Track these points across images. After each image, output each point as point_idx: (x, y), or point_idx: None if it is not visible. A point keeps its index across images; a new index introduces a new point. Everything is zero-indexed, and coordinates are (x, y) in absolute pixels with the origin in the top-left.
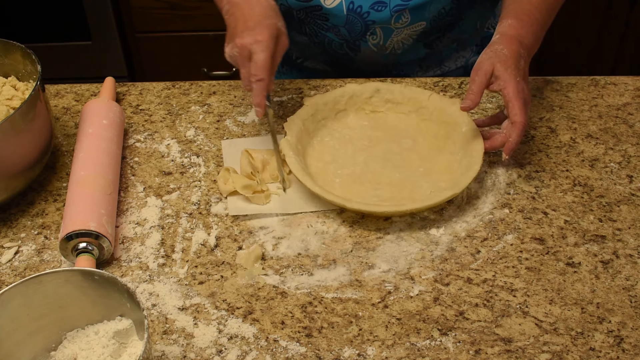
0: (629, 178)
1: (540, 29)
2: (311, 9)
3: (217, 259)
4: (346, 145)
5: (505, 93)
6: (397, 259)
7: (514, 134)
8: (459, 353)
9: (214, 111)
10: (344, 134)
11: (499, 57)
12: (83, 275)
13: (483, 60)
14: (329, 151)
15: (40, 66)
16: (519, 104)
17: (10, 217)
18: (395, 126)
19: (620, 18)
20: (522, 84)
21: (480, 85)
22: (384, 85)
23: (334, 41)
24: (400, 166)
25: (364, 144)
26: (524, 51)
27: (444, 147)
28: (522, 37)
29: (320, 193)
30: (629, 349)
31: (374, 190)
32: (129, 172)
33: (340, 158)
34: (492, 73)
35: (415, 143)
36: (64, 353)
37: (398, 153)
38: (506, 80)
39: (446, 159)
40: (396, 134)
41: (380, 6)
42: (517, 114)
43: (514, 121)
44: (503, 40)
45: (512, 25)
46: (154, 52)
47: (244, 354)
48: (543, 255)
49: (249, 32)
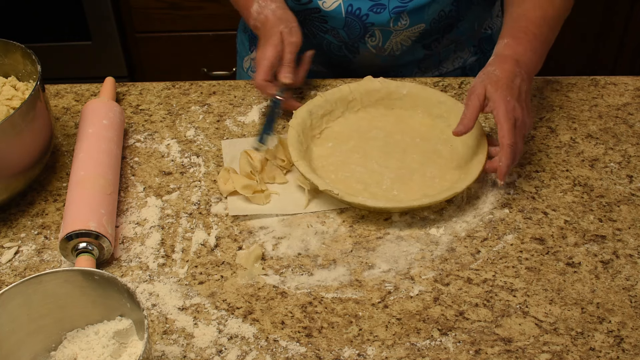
0: (629, 178)
1: (540, 45)
2: (310, 12)
3: (217, 259)
4: (352, 140)
5: (495, 114)
6: (397, 259)
7: (503, 157)
8: (459, 353)
9: (214, 111)
10: (350, 130)
11: (490, 79)
12: (83, 275)
13: (476, 84)
14: (334, 146)
15: (40, 66)
16: (508, 125)
17: (10, 217)
18: (403, 123)
19: (620, 18)
20: (512, 103)
21: (473, 109)
22: (394, 83)
23: (332, 43)
24: (405, 161)
25: (370, 141)
26: (519, 70)
27: (451, 144)
28: (519, 55)
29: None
30: (629, 349)
31: (379, 186)
32: (129, 172)
33: (345, 153)
34: (485, 95)
35: (422, 141)
36: (64, 353)
37: (403, 149)
38: (495, 102)
39: (452, 156)
40: (403, 131)
41: (380, 8)
42: (505, 136)
43: (502, 143)
44: (497, 61)
45: (507, 45)
46: (154, 52)
47: (244, 354)
48: (543, 255)
49: (260, 48)
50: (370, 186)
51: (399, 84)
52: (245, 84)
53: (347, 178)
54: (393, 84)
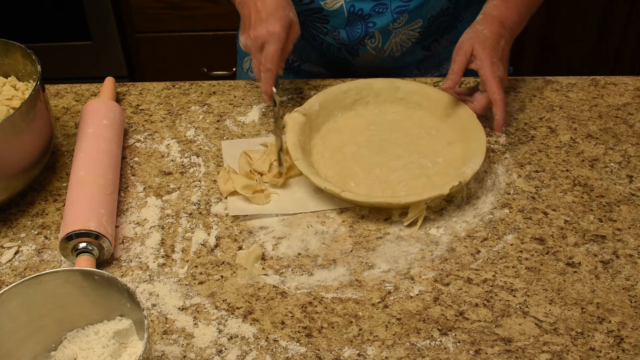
0: (629, 178)
1: (525, 10)
2: (311, 12)
3: (217, 259)
4: (352, 138)
5: (482, 73)
6: (397, 259)
7: (498, 110)
8: (459, 353)
9: (214, 111)
10: (349, 127)
11: (478, 38)
12: (83, 275)
13: (464, 40)
14: (334, 144)
15: (40, 66)
16: (496, 82)
17: (10, 217)
18: (402, 120)
19: (620, 18)
20: (497, 64)
21: (460, 64)
22: (396, 81)
23: (332, 45)
24: (405, 157)
25: (370, 137)
26: (504, 31)
27: (451, 140)
28: (505, 18)
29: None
30: (629, 349)
31: (379, 183)
32: (129, 172)
33: (346, 141)
34: (472, 52)
35: (421, 136)
36: (64, 353)
37: (402, 145)
38: (482, 60)
39: (453, 151)
40: (402, 128)
41: (381, 7)
42: (495, 91)
43: (494, 99)
44: (485, 20)
45: (496, 6)
46: (154, 52)
47: (244, 354)
48: (543, 255)
49: (262, 23)
50: (373, 182)
51: (400, 82)
52: (245, 84)
53: (349, 175)
54: (393, 82)
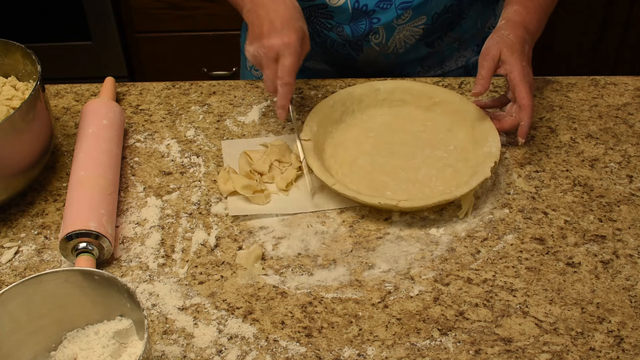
0: (629, 178)
1: (543, 15)
2: (316, 7)
3: (217, 259)
4: (359, 149)
5: (512, 77)
6: (397, 259)
7: (525, 116)
8: (459, 353)
9: (214, 111)
10: (349, 139)
11: (505, 42)
12: (83, 275)
13: (490, 45)
14: (346, 159)
15: (40, 66)
16: (525, 87)
17: (10, 217)
18: (393, 120)
19: (620, 18)
20: (527, 69)
21: (489, 70)
22: (374, 84)
23: (336, 41)
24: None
25: (374, 144)
26: (528, 37)
27: (449, 127)
28: (527, 23)
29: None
30: (629, 349)
31: (412, 184)
32: (129, 172)
33: (356, 153)
34: (499, 57)
35: (420, 130)
36: (64, 353)
37: (408, 143)
38: (512, 65)
39: (457, 136)
40: (397, 127)
41: (386, 4)
42: (525, 97)
43: (522, 104)
44: (509, 25)
45: (517, 12)
46: (154, 52)
47: (244, 354)
48: (543, 255)
49: (277, 33)
50: (407, 186)
51: (379, 83)
52: (245, 84)
53: (381, 186)
54: (372, 85)
